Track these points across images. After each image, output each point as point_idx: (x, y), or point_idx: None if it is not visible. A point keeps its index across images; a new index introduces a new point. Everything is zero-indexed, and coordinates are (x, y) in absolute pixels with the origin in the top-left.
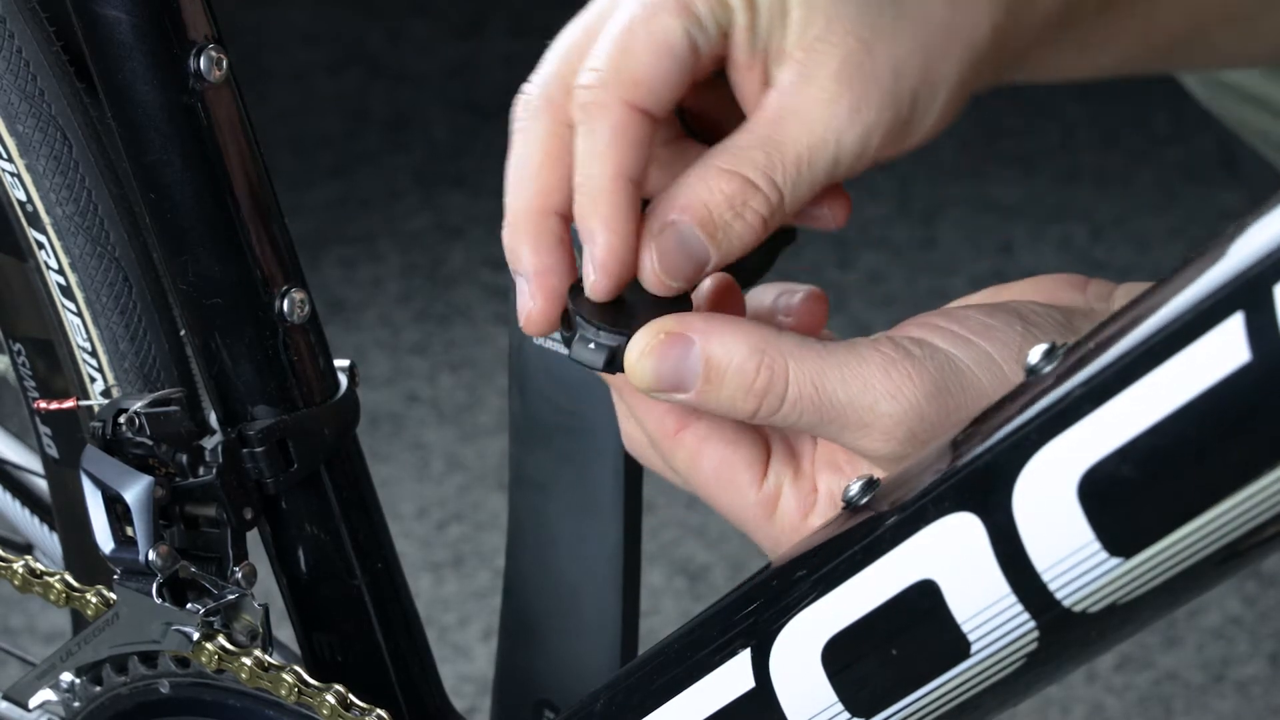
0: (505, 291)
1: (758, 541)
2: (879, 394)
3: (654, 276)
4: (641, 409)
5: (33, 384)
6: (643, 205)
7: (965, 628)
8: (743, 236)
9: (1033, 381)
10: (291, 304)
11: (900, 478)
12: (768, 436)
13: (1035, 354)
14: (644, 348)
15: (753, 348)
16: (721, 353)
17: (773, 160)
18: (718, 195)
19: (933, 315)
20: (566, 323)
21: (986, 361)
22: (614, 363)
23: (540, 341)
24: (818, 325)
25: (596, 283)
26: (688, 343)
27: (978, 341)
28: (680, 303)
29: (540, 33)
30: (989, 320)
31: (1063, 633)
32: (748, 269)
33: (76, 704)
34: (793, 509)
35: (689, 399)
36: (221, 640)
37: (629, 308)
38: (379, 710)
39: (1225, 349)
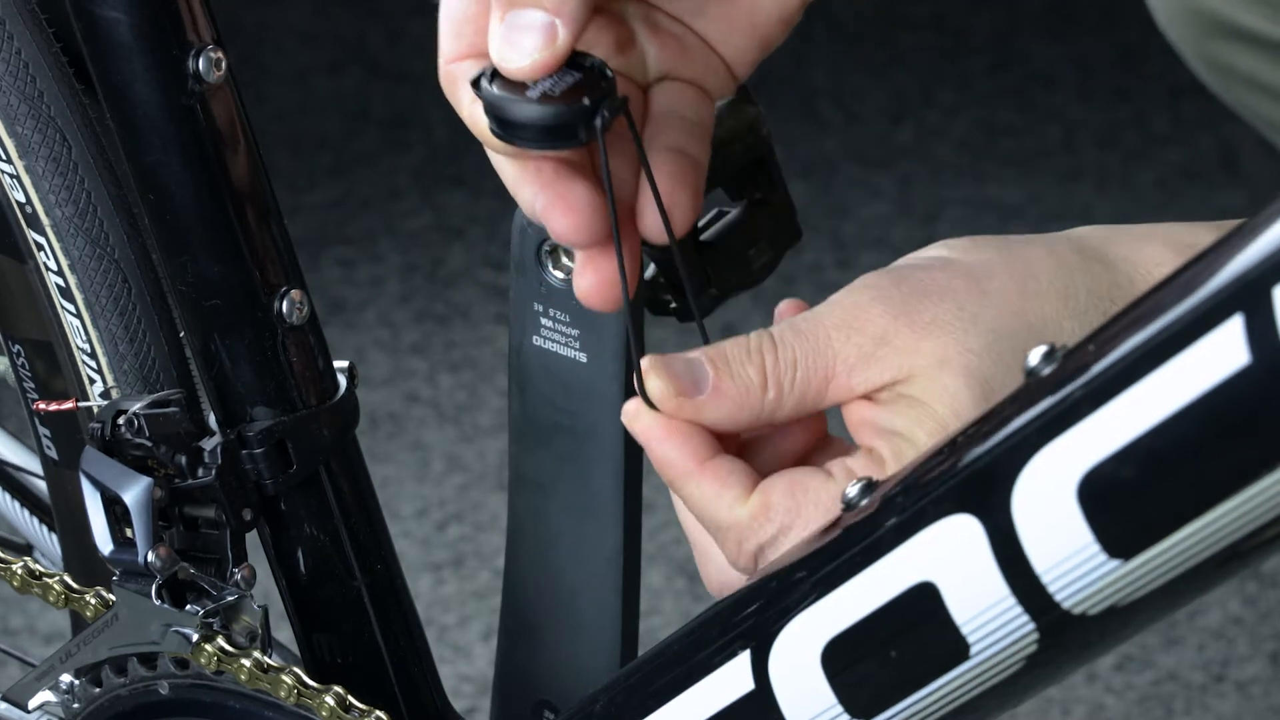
0: (505, 291)
1: None
2: (842, 293)
3: (515, 67)
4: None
5: (32, 385)
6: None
7: (964, 630)
8: None
9: (1032, 383)
10: (290, 305)
11: (899, 479)
12: (797, 450)
13: (1035, 355)
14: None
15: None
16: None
17: None
18: None
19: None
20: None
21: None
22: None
23: (540, 342)
24: None
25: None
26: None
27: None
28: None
29: None
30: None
31: (1062, 635)
32: (754, 268)
33: (76, 705)
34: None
35: (703, 399)
36: (221, 641)
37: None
38: (379, 711)
39: (1225, 351)
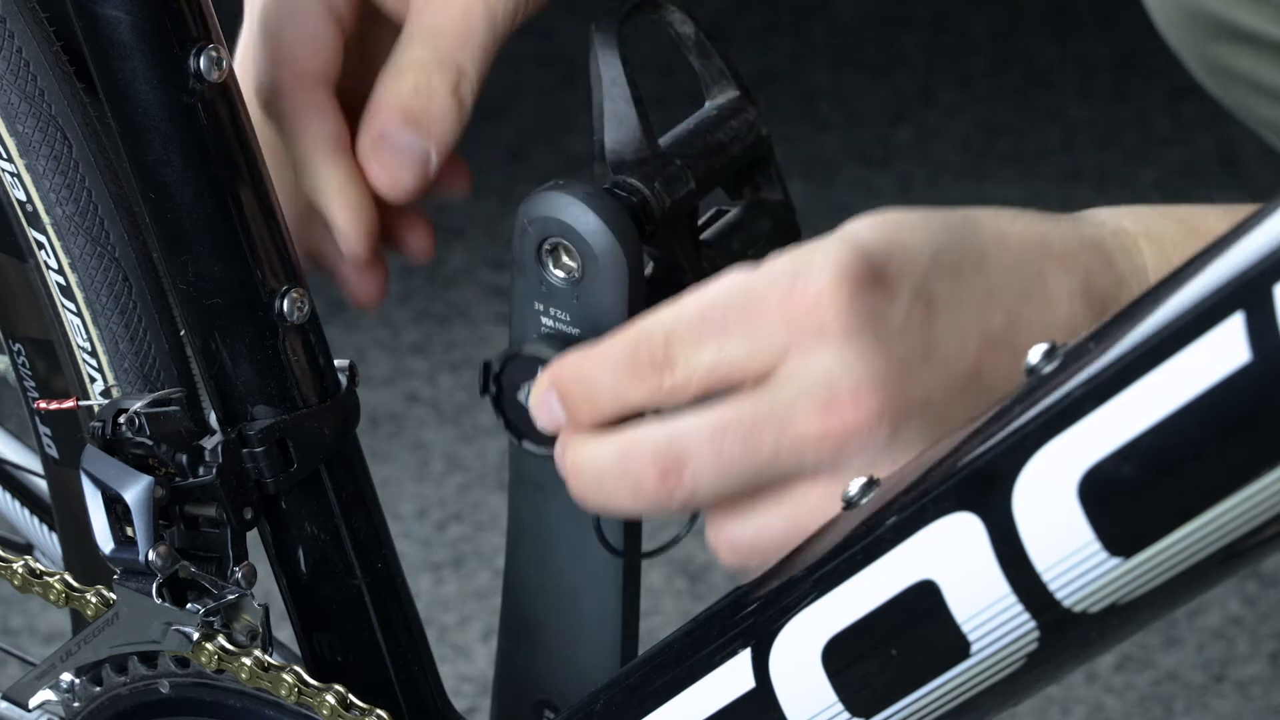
0: (505, 291)
1: None
2: None
3: (388, 186)
4: None
5: (33, 384)
6: None
7: (965, 628)
8: (445, 115)
9: (1032, 381)
10: (291, 304)
11: (900, 477)
12: None
13: (1035, 354)
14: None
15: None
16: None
17: (438, 43)
18: (406, 89)
19: None
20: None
21: None
22: None
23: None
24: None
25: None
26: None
27: None
28: None
29: (539, 33)
30: None
31: (1063, 633)
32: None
33: (76, 704)
34: None
35: None
36: (221, 640)
37: None
38: (379, 710)
39: (1225, 349)
